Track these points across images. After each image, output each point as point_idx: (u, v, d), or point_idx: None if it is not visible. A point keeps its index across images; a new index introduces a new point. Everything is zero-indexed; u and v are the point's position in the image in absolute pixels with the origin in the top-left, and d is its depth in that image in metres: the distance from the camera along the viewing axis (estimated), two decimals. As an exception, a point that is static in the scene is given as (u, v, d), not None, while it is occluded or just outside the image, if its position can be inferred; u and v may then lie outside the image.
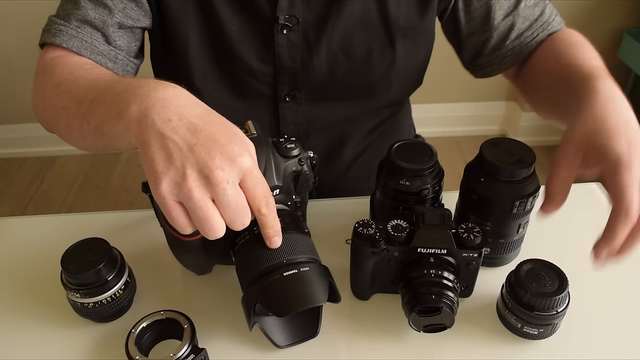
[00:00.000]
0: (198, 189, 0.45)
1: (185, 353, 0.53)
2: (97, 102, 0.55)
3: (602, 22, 1.96)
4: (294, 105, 0.79)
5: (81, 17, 0.69)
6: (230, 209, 0.46)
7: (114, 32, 0.70)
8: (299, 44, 0.74)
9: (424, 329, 0.56)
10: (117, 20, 0.70)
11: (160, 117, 0.47)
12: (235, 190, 0.46)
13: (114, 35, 0.70)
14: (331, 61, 0.75)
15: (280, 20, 0.71)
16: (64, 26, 0.68)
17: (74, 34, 0.68)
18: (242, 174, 0.46)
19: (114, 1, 0.69)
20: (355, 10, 0.73)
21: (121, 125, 0.50)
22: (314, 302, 0.51)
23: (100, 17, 0.69)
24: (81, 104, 0.58)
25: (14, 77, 2.14)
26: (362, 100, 0.83)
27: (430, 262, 0.57)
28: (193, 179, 0.45)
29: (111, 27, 0.70)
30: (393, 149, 0.63)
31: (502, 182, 0.58)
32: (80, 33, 0.68)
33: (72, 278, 0.57)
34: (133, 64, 0.75)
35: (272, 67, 0.75)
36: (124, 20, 0.70)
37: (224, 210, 0.46)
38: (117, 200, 2.06)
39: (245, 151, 0.47)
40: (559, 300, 0.55)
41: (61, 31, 0.68)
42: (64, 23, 0.69)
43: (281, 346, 0.57)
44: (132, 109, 0.49)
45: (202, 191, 0.45)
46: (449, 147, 2.23)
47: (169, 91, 0.49)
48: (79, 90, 0.60)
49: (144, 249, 0.69)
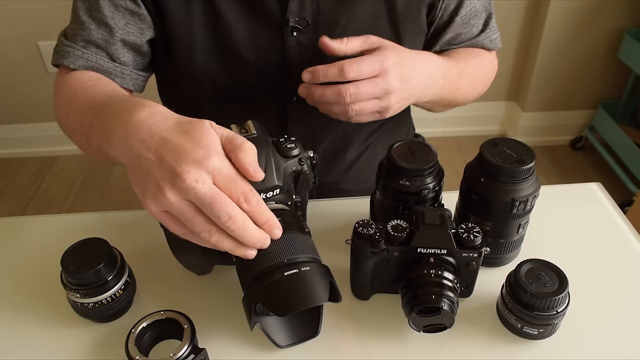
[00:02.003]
0: (174, 196, 0.48)
1: (185, 353, 0.53)
2: (93, 125, 0.60)
3: (602, 22, 1.96)
4: (302, 107, 0.80)
5: (86, 37, 0.72)
6: (207, 205, 0.47)
7: (116, 50, 0.73)
8: (308, 46, 0.74)
9: (424, 329, 0.56)
10: (119, 38, 0.72)
11: (136, 140, 0.51)
12: (208, 187, 0.47)
13: (117, 53, 0.73)
14: None
15: (290, 22, 0.72)
16: (71, 47, 0.73)
17: (79, 54, 0.72)
18: (212, 174, 0.48)
19: (115, 19, 0.71)
20: (365, 14, 0.73)
21: (112, 151, 0.55)
22: (314, 302, 0.51)
23: (102, 36, 0.72)
24: (82, 126, 0.63)
25: (14, 77, 2.14)
26: None
27: (430, 262, 0.57)
28: (168, 188, 0.48)
29: (114, 46, 0.73)
30: (393, 149, 0.63)
31: (502, 182, 0.58)
32: (86, 53, 0.72)
33: (72, 278, 0.57)
34: (142, 77, 0.78)
35: (281, 69, 0.76)
36: (127, 37, 0.73)
37: (204, 208, 0.48)
38: (117, 200, 2.06)
39: (211, 152, 0.49)
40: (559, 300, 0.55)
41: (68, 52, 0.73)
42: (71, 44, 0.73)
43: (282, 346, 0.57)
44: (116, 136, 0.54)
45: (178, 197, 0.48)
46: (449, 147, 2.23)
47: (143, 112, 0.53)
48: (80, 113, 0.65)
49: (144, 249, 0.69)
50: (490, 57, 0.87)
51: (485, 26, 0.84)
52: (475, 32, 0.84)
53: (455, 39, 0.83)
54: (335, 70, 0.63)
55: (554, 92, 2.14)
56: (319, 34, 0.73)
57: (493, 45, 0.86)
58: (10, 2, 1.94)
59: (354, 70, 0.62)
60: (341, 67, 0.63)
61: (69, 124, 0.69)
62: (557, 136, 2.24)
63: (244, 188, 0.49)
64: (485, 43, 0.85)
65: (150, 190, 0.49)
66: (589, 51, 2.03)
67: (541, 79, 2.10)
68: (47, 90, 2.16)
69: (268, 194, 0.57)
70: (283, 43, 0.74)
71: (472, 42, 0.84)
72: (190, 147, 0.49)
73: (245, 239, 0.50)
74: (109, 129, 0.55)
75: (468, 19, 0.81)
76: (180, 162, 0.48)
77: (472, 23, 0.82)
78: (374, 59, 0.64)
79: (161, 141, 0.50)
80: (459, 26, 0.81)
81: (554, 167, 2.13)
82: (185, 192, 0.47)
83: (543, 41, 2.00)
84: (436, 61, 0.73)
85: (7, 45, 2.05)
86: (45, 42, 2.04)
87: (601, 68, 2.07)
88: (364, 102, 0.65)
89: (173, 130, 0.51)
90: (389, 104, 0.66)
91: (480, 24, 0.84)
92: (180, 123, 0.52)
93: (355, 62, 0.63)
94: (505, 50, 2.11)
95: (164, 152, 0.49)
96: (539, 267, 0.57)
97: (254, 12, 0.72)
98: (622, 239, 0.70)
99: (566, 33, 1.98)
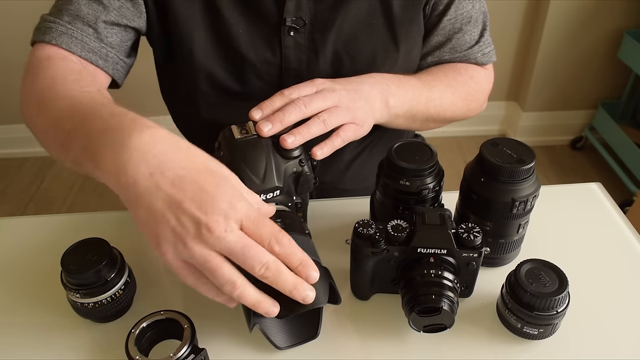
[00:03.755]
0: (199, 247, 0.44)
1: (185, 353, 0.53)
2: (73, 135, 0.51)
3: (602, 22, 1.96)
4: None
5: (73, 12, 0.67)
6: (238, 254, 0.44)
7: (105, 29, 0.69)
8: (305, 46, 0.74)
9: (424, 329, 0.56)
10: (111, 18, 0.69)
11: (140, 173, 0.44)
12: (238, 235, 0.44)
13: (105, 32, 0.69)
14: (336, 63, 0.76)
15: (287, 22, 0.72)
16: (54, 23, 0.67)
17: (63, 30, 0.66)
18: (240, 221, 0.45)
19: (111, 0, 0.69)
20: (360, 13, 0.73)
21: (97, 173, 0.48)
22: (314, 304, 0.50)
23: (93, 12, 0.67)
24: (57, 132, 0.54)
25: (13, 77, 2.13)
26: None
27: (430, 262, 0.57)
28: (191, 239, 0.43)
29: (103, 24, 0.68)
30: (393, 149, 0.63)
31: (502, 182, 0.58)
32: (71, 29, 0.66)
33: (72, 278, 0.57)
34: (124, 63, 0.74)
35: (278, 68, 0.76)
36: (119, 19, 0.70)
37: (234, 257, 0.45)
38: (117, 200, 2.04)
39: (236, 195, 0.45)
40: (559, 300, 0.55)
41: (51, 28, 0.66)
42: (54, 19, 0.67)
43: (281, 347, 0.57)
44: (107, 160, 0.46)
45: (202, 247, 0.44)
46: (449, 147, 2.23)
47: (144, 137, 0.45)
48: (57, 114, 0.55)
49: (144, 249, 0.69)
50: (483, 73, 0.84)
51: (480, 37, 0.82)
52: (469, 40, 0.81)
53: (446, 45, 0.80)
54: (278, 101, 0.63)
55: (554, 92, 2.14)
56: (316, 34, 0.73)
57: (486, 59, 0.83)
58: (10, 2, 1.94)
59: (294, 92, 0.64)
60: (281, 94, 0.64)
61: (39, 123, 0.59)
62: (557, 136, 2.24)
63: (272, 229, 0.46)
64: (479, 57, 0.82)
65: (167, 239, 0.44)
66: (589, 51, 2.03)
67: (541, 79, 2.10)
68: (47, 90, 2.17)
69: (268, 195, 0.57)
70: (280, 43, 0.74)
71: (465, 55, 0.82)
72: (212, 189, 0.43)
73: (280, 285, 0.46)
74: (97, 147, 0.47)
75: (460, 24, 0.79)
76: (205, 208, 0.43)
77: (465, 29, 0.80)
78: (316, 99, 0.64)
79: (177, 179, 0.44)
80: (448, 30, 0.79)
81: (554, 167, 2.13)
82: (213, 244, 0.43)
83: (543, 41, 2.00)
84: (378, 75, 0.72)
85: (7, 45, 2.05)
86: (45, 42, 2.04)
87: (601, 68, 2.07)
88: (305, 129, 0.62)
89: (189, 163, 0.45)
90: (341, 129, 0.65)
91: (476, 33, 0.81)
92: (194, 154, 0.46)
93: (292, 91, 0.64)
94: (505, 50, 2.11)
95: (181, 194, 0.43)
96: (539, 267, 0.57)
97: (252, 11, 0.72)
98: (622, 239, 0.70)
99: (566, 33, 1.98)
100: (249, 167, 0.56)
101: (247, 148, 0.57)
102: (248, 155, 0.56)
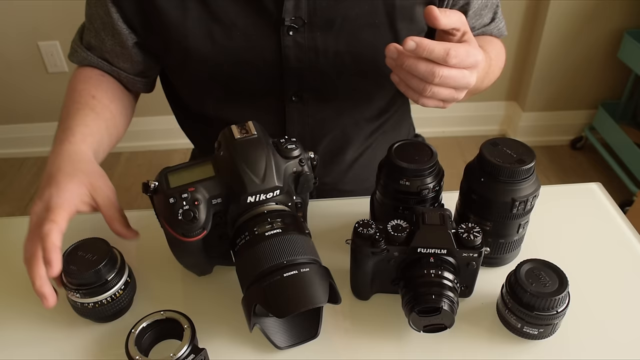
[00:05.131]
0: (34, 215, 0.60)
1: (185, 353, 0.53)
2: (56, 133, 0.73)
3: (602, 22, 1.96)
4: (300, 106, 0.79)
5: (86, 42, 0.79)
6: None
7: (111, 58, 0.79)
8: (305, 45, 0.74)
9: (424, 329, 0.56)
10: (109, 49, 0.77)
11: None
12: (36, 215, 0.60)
13: (111, 60, 0.79)
14: (338, 62, 0.75)
15: (286, 22, 0.71)
16: (79, 47, 0.80)
17: (85, 56, 0.79)
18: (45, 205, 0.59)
19: (104, 40, 0.77)
20: (362, 12, 0.73)
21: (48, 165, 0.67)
22: (314, 303, 0.51)
23: (98, 45, 0.78)
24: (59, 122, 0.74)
25: (14, 77, 2.14)
26: (367, 101, 0.83)
27: (430, 262, 0.57)
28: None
29: (107, 54, 0.78)
30: (393, 149, 0.63)
31: (502, 182, 0.58)
32: (89, 56, 0.79)
33: (72, 278, 0.57)
34: (140, 81, 0.82)
35: (279, 68, 0.75)
36: (113, 60, 0.79)
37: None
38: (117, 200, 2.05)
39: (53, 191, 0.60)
40: (559, 300, 0.55)
41: (76, 51, 0.80)
42: (79, 44, 0.80)
43: (281, 347, 0.57)
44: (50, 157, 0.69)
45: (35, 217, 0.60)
46: (449, 147, 2.23)
47: (54, 163, 0.67)
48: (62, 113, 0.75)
49: (144, 249, 0.69)
50: (501, 44, 0.90)
51: (495, 15, 0.87)
52: (487, 21, 0.86)
53: None
54: (442, 52, 0.58)
55: (554, 92, 2.14)
56: (316, 33, 0.73)
57: (500, 33, 0.89)
58: (10, 2, 1.94)
59: (457, 58, 0.58)
60: (447, 50, 0.58)
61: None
62: (557, 136, 2.24)
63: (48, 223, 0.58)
64: (494, 32, 0.88)
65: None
66: (589, 51, 2.03)
67: (541, 79, 2.10)
68: (47, 90, 2.17)
69: (268, 195, 0.57)
70: (280, 42, 0.73)
71: (483, 31, 0.86)
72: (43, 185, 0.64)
73: None
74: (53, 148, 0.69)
75: (479, 11, 0.83)
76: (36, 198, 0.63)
77: (482, 14, 0.84)
78: (473, 52, 0.60)
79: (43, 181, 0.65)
80: (471, 19, 0.83)
81: (554, 167, 2.13)
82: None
83: (543, 41, 2.00)
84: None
85: (7, 45, 2.05)
86: (45, 42, 2.04)
87: (601, 68, 2.07)
88: (444, 88, 0.61)
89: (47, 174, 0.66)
90: (458, 98, 0.64)
91: (490, 14, 0.86)
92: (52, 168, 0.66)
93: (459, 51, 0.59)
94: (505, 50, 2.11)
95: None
96: (539, 267, 0.57)
97: (250, 11, 0.72)
98: (622, 239, 0.70)
99: (566, 33, 1.98)
100: (249, 167, 0.56)
101: (247, 148, 0.57)
102: (248, 155, 0.56)
